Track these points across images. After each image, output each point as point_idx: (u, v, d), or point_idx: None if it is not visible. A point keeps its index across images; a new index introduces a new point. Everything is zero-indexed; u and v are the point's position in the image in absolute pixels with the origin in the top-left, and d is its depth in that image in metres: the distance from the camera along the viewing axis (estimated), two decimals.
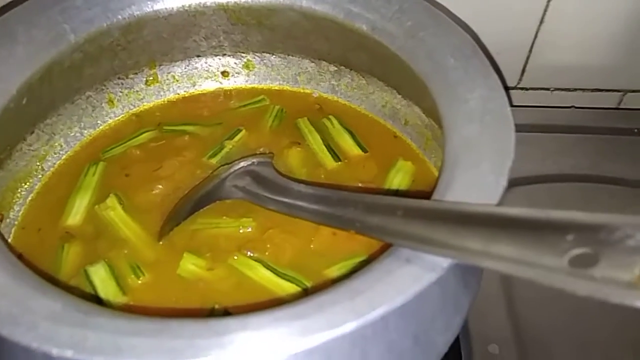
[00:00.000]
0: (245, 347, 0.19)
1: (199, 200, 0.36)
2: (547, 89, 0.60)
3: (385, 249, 0.25)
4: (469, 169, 0.25)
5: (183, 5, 0.39)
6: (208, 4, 0.40)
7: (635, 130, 0.55)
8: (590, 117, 0.57)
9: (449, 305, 0.27)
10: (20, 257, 0.35)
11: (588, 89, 0.59)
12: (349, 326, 0.19)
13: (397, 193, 0.38)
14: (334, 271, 0.34)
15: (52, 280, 0.33)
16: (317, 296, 0.21)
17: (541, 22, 0.53)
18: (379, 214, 0.25)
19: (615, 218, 0.18)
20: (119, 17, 0.37)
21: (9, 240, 0.36)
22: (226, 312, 0.32)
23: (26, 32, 0.34)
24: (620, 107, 0.61)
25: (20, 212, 0.38)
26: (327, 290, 0.21)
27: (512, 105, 0.61)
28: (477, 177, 0.25)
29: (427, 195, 0.26)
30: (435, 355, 0.27)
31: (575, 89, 0.59)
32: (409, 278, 0.21)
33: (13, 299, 0.20)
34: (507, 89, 0.59)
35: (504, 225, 0.20)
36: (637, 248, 0.17)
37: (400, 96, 0.42)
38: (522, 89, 0.60)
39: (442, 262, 0.21)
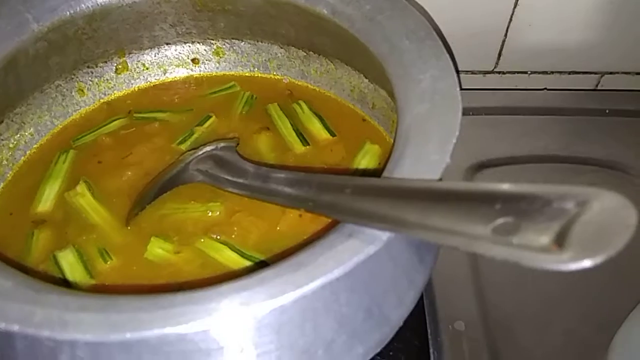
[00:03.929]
0: (188, 319, 0.20)
1: (163, 184, 0.36)
2: (525, 73, 0.60)
3: None
4: (417, 147, 0.26)
5: None
6: None
7: (607, 111, 0.56)
8: (563, 99, 0.58)
9: (402, 280, 0.28)
10: None
11: (565, 72, 0.60)
12: (289, 297, 0.20)
13: (364, 174, 0.39)
14: None
15: (18, 267, 0.34)
16: (262, 270, 0.22)
17: (515, 4, 0.53)
18: (330, 192, 0.26)
19: (535, 188, 0.18)
20: (83, 5, 0.37)
21: None
22: None
23: None
24: (598, 88, 0.61)
25: None
26: (272, 265, 0.22)
27: (488, 89, 0.62)
28: (423, 155, 0.25)
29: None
30: (389, 329, 0.28)
31: (553, 72, 0.60)
32: (348, 251, 0.21)
33: None
34: (483, 73, 0.60)
35: (439, 198, 0.21)
36: (553, 215, 0.17)
37: (367, 80, 0.42)
38: (499, 72, 0.60)
39: (382, 236, 0.22)
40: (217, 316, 0.20)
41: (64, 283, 0.33)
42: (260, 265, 0.34)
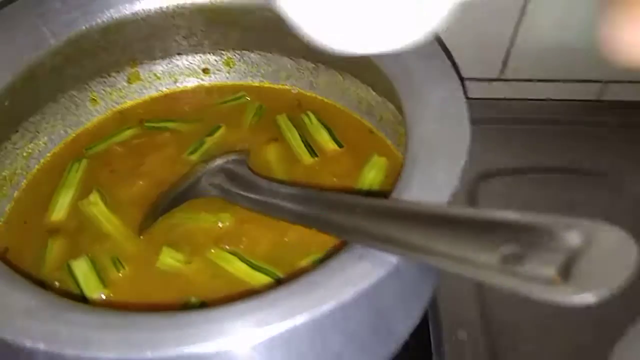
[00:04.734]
0: (205, 339, 0.21)
1: (176, 197, 0.37)
2: (530, 80, 0.61)
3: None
4: (425, 169, 0.27)
5: (161, 7, 0.40)
6: (186, 5, 0.41)
7: (611, 123, 0.56)
8: (568, 109, 0.58)
9: (408, 295, 0.29)
10: (6, 251, 0.37)
11: (571, 80, 0.60)
12: (301, 319, 0.21)
13: (369, 192, 0.40)
14: (307, 263, 0.36)
15: (34, 277, 0.34)
16: (275, 291, 0.23)
17: (522, 12, 0.53)
18: (341, 212, 0.26)
19: (541, 218, 0.19)
20: (98, 19, 0.38)
21: None
22: (202, 305, 0.34)
23: (7, 37, 0.35)
24: (602, 98, 0.62)
25: (6, 209, 0.39)
26: (284, 285, 0.23)
27: (492, 98, 0.62)
28: (431, 178, 0.26)
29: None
30: (395, 342, 0.29)
31: (558, 80, 0.60)
32: (359, 274, 0.22)
33: None
34: (489, 80, 0.60)
35: (446, 223, 0.22)
36: (557, 247, 0.18)
37: (374, 93, 0.43)
38: (504, 80, 0.60)
39: (392, 259, 0.23)
40: (234, 336, 0.21)
41: (79, 295, 0.34)
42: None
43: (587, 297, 0.16)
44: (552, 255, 0.18)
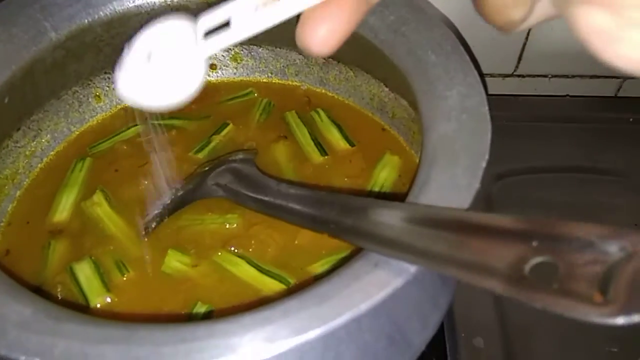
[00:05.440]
0: (210, 354, 0.19)
1: (182, 198, 0.36)
2: (545, 76, 0.59)
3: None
4: (444, 170, 0.25)
5: (165, 0, 0.39)
6: None
7: (630, 120, 0.54)
8: (585, 106, 0.57)
9: (426, 304, 0.27)
10: (7, 253, 0.36)
11: (586, 76, 0.59)
12: (314, 333, 0.19)
13: (383, 194, 0.38)
14: (318, 267, 0.34)
15: (34, 282, 0.33)
16: (285, 302, 0.21)
17: None
18: (354, 215, 0.25)
19: (575, 226, 0.17)
20: (101, 13, 0.37)
21: None
22: (209, 312, 0.32)
23: (5, 31, 0.34)
24: (619, 95, 0.60)
25: (8, 209, 0.38)
26: (295, 296, 0.21)
27: (507, 95, 0.61)
28: (451, 179, 0.24)
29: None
30: (412, 354, 0.27)
31: (574, 76, 0.59)
32: (375, 284, 0.21)
33: None
34: (503, 76, 0.59)
35: (470, 230, 0.20)
36: (595, 259, 0.17)
37: (387, 89, 0.41)
38: (519, 76, 0.59)
39: (410, 267, 0.21)
40: (241, 352, 0.19)
41: (81, 300, 0.33)
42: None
43: (634, 318, 0.14)
44: (590, 267, 0.17)
